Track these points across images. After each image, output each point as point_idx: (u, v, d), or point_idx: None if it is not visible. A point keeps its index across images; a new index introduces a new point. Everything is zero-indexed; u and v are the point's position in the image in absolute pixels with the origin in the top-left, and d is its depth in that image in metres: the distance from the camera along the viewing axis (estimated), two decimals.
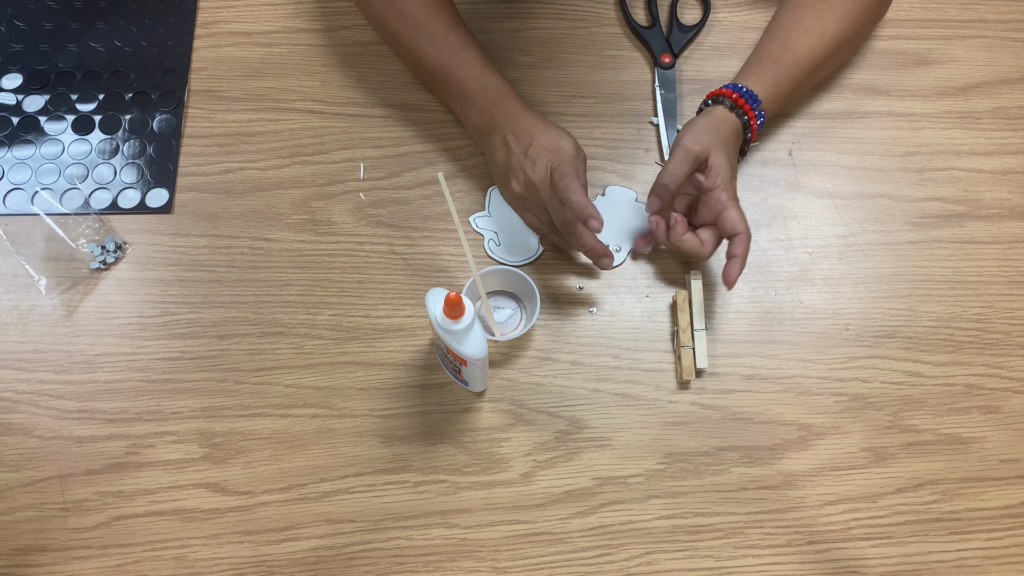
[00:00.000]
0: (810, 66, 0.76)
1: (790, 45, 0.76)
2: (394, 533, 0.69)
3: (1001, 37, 0.88)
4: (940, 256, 0.79)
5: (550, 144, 0.71)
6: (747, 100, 0.72)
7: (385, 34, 0.80)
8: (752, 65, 0.76)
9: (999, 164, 0.83)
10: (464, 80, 0.75)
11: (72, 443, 0.71)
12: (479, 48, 0.77)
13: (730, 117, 0.73)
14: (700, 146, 0.70)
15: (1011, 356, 0.76)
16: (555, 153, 0.71)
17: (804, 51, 0.76)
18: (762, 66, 0.75)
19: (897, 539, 0.70)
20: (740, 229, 0.69)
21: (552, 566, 0.69)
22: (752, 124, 0.73)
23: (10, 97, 0.83)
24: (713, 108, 0.73)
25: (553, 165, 0.70)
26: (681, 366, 0.73)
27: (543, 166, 0.71)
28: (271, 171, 0.81)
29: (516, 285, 0.75)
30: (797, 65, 0.75)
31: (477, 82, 0.75)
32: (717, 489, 0.71)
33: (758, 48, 0.77)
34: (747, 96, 0.72)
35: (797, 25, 0.76)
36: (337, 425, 0.72)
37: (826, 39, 0.76)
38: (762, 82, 0.74)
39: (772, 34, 0.77)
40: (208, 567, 0.68)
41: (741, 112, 0.73)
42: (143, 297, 0.76)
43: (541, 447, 0.72)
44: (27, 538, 0.68)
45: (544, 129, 0.73)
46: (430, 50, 0.76)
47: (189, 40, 0.86)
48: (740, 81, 0.74)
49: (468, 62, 0.75)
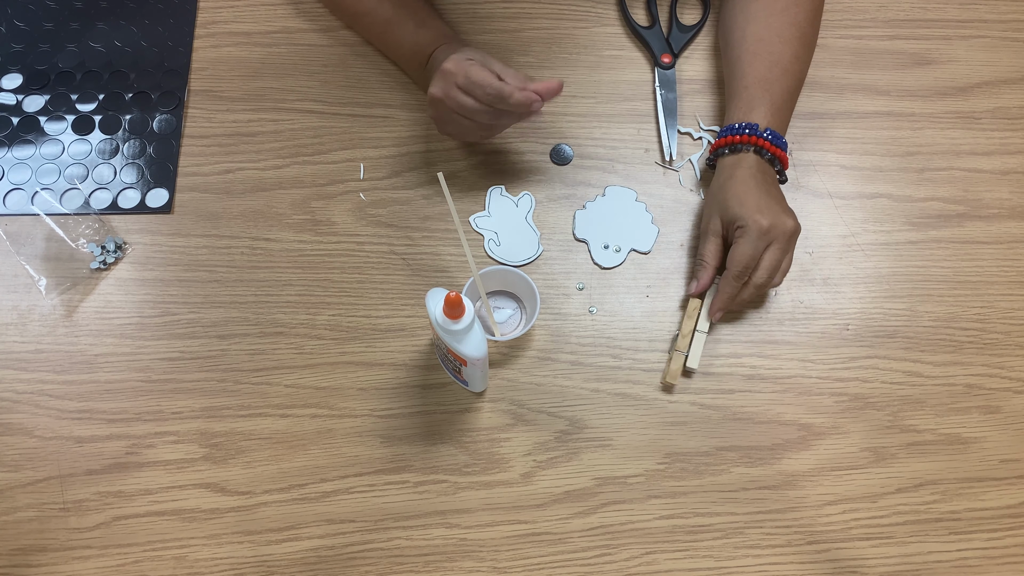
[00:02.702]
0: (798, 68, 0.76)
1: (775, 59, 0.75)
2: (394, 533, 0.69)
3: (1001, 37, 0.88)
4: (940, 256, 0.79)
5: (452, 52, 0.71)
6: (749, 134, 0.72)
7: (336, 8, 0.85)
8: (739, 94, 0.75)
9: (999, 164, 0.83)
10: (401, 42, 0.78)
11: (72, 443, 0.71)
12: (414, 5, 0.78)
13: (737, 159, 0.73)
14: (715, 221, 0.72)
15: (1011, 356, 0.76)
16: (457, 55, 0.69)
17: (791, 58, 0.75)
18: (750, 92, 0.74)
19: (897, 539, 0.70)
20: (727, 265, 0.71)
21: (552, 566, 0.69)
22: (768, 147, 0.72)
23: (10, 97, 0.83)
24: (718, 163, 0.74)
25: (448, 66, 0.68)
26: (668, 368, 0.73)
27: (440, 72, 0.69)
28: (271, 171, 0.81)
29: (516, 285, 0.75)
30: (787, 75, 0.75)
31: (413, 40, 0.77)
32: (717, 489, 0.71)
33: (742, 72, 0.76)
34: (744, 131, 0.72)
35: (777, 36, 0.75)
36: (337, 425, 0.72)
37: (807, 40, 0.76)
38: (755, 109, 0.73)
39: (753, 52, 0.76)
40: (208, 567, 0.68)
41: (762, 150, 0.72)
42: (143, 297, 0.76)
43: (541, 447, 0.72)
44: (27, 538, 0.68)
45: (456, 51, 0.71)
46: (369, 20, 0.80)
47: (189, 40, 0.86)
48: (741, 116, 0.74)
49: (402, 23, 0.77)
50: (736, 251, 0.70)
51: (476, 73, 0.67)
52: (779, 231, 0.69)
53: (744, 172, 0.72)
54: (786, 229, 0.70)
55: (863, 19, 0.89)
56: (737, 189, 0.71)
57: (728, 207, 0.71)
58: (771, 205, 0.70)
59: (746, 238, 0.69)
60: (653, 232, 0.79)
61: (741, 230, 0.70)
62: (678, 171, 0.82)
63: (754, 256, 0.69)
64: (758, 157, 0.73)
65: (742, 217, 0.69)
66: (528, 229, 0.79)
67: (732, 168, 0.73)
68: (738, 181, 0.72)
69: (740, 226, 0.70)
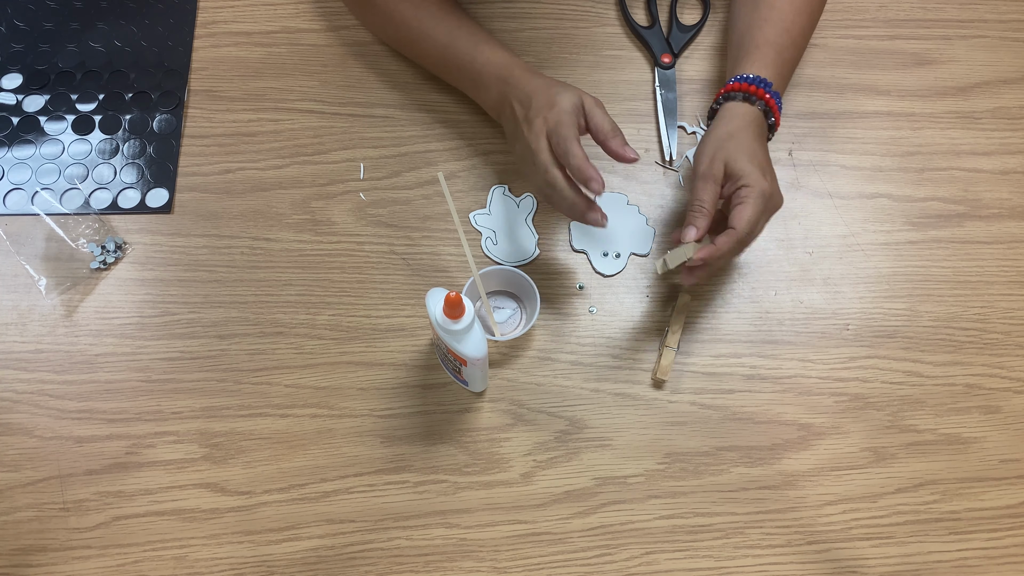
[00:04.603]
0: (803, 44, 0.76)
1: (787, 27, 0.74)
2: (394, 533, 0.69)
3: (1001, 37, 0.88)
4: (940, 256, 0.79)
5: (547, 102, 0.69)
6: (760, 86, 0.70)
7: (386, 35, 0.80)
8: (751, 52, 0.73)
9: (999, 164, 0.83)
10: (466, 61, 0.75)
11: (72, 443, 0.71)
12: (475, 25, 0.76)
13: (747, 109, 0.71)
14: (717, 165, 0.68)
15: (1011, 356, 0.76)
16: (551, 110, 0.68)
17: (799, 31, 0.75)
18: (762, 51, 0.73)
19: (897, 539, 0.70)
20: (734, 225, 0.66)
21: (552, 566, 0.69)
22: (773, 109, 0.71)
23: (10, 97, 0.83)
24: (726, 106, 0.72)
25: (549, 128, 0.68)
26: (659, 364, 0.73)
27: (539, 127, 0.68)
28: (271, 171, 0.81)
29: (516, 285, 0.75)
30: (795, 46, 0.75)
31: (480, 60, 0.74)
32: (717, 489, 0.71)
33: (753, 34, 0.75)
34: (758, 83, 0.70)
35: (790, 6, 0.75)
36: (337, 425, 0.72)
37: (814, 15, 0.76)
38: (767, 67, 0.72)
39: (764, 17, 0.75)
40: (208, 567, 0.68)
41: (756, 100, 0.71)
42: (143, 297, 0.76)
43: (541, 447, 0.72)
44: (27, 538, 0.68)
45: (543, 89, 0.70)
46: (429, 42, 0.76)
47: (189, 40, 0.86)
48: (741, 70, 0.72)
49: (467, 41, 0.75)
50: (746, 213, 0.66)
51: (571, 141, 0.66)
52: (775, 202, 0.69)
53: (755, 128, 0.70)
54: (779, 202, 0.69)
55: (863, 19, 0.89)
56: (748, 143, 0.69)
57: (737, 158, 0.68)
58: (774, 172, 0.70)
59: (754, 201, 0.66)
60: (650, 233, 0.79)
61: (748, 190, 0.67)
62: (678, 171, 0.82)
63: (761, 221, 0.68)
64: (763, 115, 0.71)
65: (750, 175, 0.67)
66: (527, 230, 0.79)
67: (743, 117, 0.70)
68: (749, 135, 0.69)
69: (746, 185, 0.67)
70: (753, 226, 0.67)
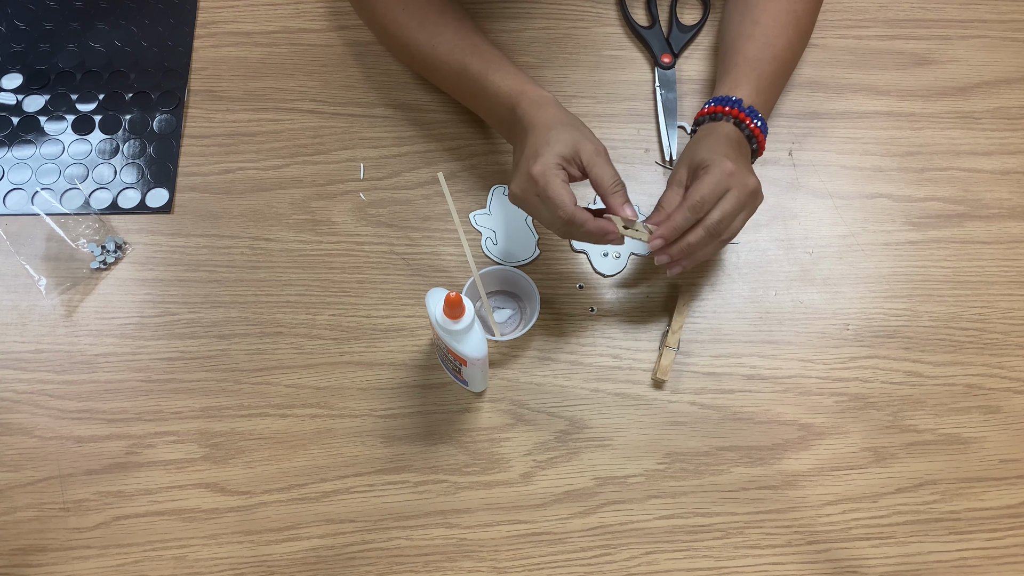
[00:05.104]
0: (790, 57, 0.76)
1: (769, 42, 0.74)
2: (394, 533, 0.69)
3: (1001, 37, 0.88)
4: (940, 256, 0.79)
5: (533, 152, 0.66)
6: (748, 115, 0.70)
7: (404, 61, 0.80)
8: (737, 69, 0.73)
9: (999, 164, 0.83)
10: (478, 89, 0.73)
11: (72, 443, 0.71)
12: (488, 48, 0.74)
13: (730, 129, 0.70)
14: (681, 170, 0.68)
15: (1011, 356, 0.76)
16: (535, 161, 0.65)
17: (784, 44, 0.74)
18: (740, 70, 0.73)
19: (897, 539, 0.70)
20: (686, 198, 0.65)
21: (552, 566, 0.69)
22: (758, 137, 0.71)
23: (10, 97, 0.83)
24: (710, 125, 0.71)
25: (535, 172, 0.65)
26: (659, 364, 0.73)
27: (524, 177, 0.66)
28: (271, 171, 0.81)
29: (516, 285, 0.75)
30: (778, 60, 0.74)
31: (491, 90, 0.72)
32: (717, 489, 0.71)
33: (735, 50, 0.75)
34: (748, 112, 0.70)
35: (773, 21, 0.75)
36: (337, 425, 0.72)
37: (802, 29, 0.76)
38: (752, 89, 0.72)
39: (748, 33, 0.75)
40: (208, 567, 0.68)
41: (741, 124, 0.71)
42: (143, 297, 0.76)
43: (541, 447, 0.72)
44: (27, 538, 0.68)
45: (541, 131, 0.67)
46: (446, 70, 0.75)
47: (189, 40, 0.86)
48: (727, 91, 0.72)
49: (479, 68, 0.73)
50: (695, 186, 0.65)
51: (554, 191, 0.64)
52: (741, 180, 0.66)
53: (719, 134, 0.70)
54: (748, 183, 0.66)
55: (863, 19, 0.89)
56: (708, 142, 0.69)
57: (696, 153, 0.68)
58: (739, 159, 0.68)
59: (709, 175, 0.65)
60: None
61: (705, 170, 0.66)
62: None
63: (714, 192, 0.65)
64: (736, 128, 0.71)
65: (708, 159, 0.66)
66: (527, 230, 0.79)
67: (708, 130, 0.71)
68: (712, 139, 0.69)
69: (705, 167, 0.66)
70: (705, 193, 0.65)
